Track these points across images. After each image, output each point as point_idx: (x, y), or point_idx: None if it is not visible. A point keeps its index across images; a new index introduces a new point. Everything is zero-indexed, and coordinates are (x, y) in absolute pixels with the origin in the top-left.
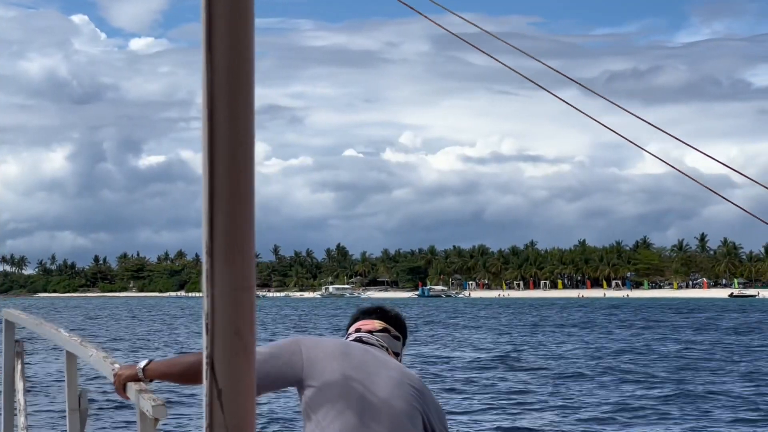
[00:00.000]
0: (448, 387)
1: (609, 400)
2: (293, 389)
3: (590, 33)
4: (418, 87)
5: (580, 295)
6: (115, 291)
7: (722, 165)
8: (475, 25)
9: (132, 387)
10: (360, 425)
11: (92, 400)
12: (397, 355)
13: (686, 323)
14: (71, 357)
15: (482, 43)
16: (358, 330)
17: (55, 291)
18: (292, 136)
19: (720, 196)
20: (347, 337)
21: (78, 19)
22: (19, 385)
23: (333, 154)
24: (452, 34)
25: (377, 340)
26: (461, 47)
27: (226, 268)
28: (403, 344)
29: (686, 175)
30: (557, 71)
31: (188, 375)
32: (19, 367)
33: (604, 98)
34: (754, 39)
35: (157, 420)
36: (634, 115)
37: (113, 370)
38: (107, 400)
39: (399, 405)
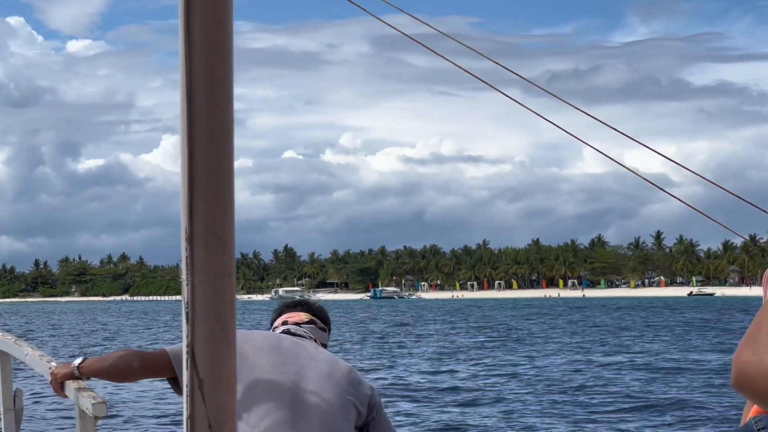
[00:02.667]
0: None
1: None
2: None
3: (529, 33)
4: (358, 88)
5: (547, 296)
6: (57, 295)
7: (665, 160)
8: (428, 24)
9: (70, 385)
10: (290, 421)
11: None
12: (324, 346)
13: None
14: (5, 356)
15: (426, 42)
16: (285, 323)
17: None
18: None
19: (668, 193)
20: (274, 330)
21: (14, 21)
22: None
23: (273, 156)
24: (404, 35)
25: (305, 332)
26: (401, 48)
27: (206, 256)
28: (328, 335)
29: (637, 174)
30: (507, 69)
31: (114, 372)
32: None
33: (551, 93)
34: (692, 39)
35: (97, 418)
36: (578, 109)
37: (50, 368)
38: (45, 400)
39: (330, 398)
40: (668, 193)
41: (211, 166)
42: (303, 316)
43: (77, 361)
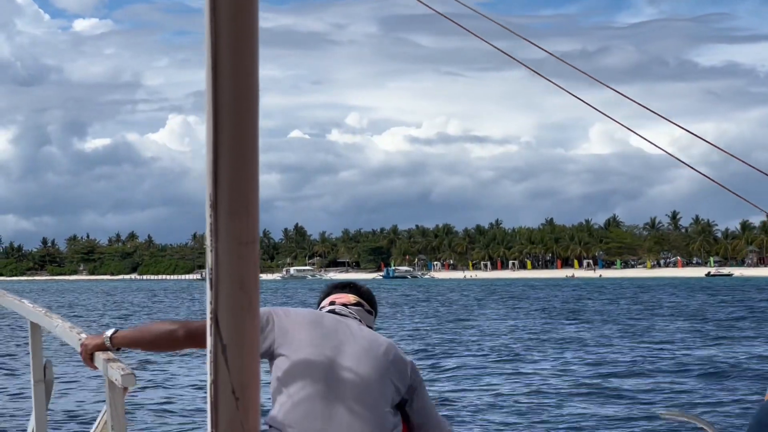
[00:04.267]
0: None
1: None
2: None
3: (537, 13)
4: (365, 68)
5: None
6: (65, 274)
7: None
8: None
9: (99, 356)
10: (327, 395)
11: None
12: (370, 329)
13: None
14: (35, 328)
15: (433, 22)
16: (332, 303)
17: (1, 275)
18: None
19: (695, 169)
20: (321, 310)
21: None
22: None
23: (279, 136)
24: (440, 14)
25: (350, 313)
26: (408, 28)
27: (231, 222)
28: (374, 319)
29: (665, 151)
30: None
31: (156, 342)
32: None
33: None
34: (699, 19)
35: (126, 389)
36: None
37: (80, 340)
38: (74, 371)
39: (367, 374)
40: (694, 169)
41: (235, 132)
42: (351, 298)
43: (109, 332)
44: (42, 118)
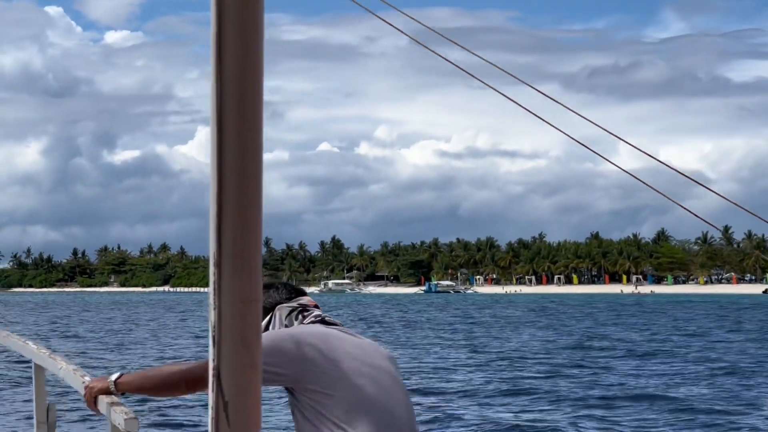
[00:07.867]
0: None
1: None
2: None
3: (569, 28)
4: (396, 81)
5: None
6: (96, 286)
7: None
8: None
9: (103, 400)
10: (389, 418)
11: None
12: None
13: None
14: (39, 369)
15: (464, 36)
16: (316, 306)
17: (31, 286)
18: (266, 130)
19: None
20: (301, 314)
21: (53, 11)
22: None
23: (308, 149)
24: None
25: (331, 319)
26: (440, 42)
27: (234, 281)
28: None
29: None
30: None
31: (158, 389)
32: None
33: (554, 99)
34: (731, 35)
35: None
36: (593, 122)
37: (84, 383)
38: (76, 413)
39: (398, 377)
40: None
41: (240, 193)
42: (311, 300)
43: (114, 376)
44: (73, 129)
